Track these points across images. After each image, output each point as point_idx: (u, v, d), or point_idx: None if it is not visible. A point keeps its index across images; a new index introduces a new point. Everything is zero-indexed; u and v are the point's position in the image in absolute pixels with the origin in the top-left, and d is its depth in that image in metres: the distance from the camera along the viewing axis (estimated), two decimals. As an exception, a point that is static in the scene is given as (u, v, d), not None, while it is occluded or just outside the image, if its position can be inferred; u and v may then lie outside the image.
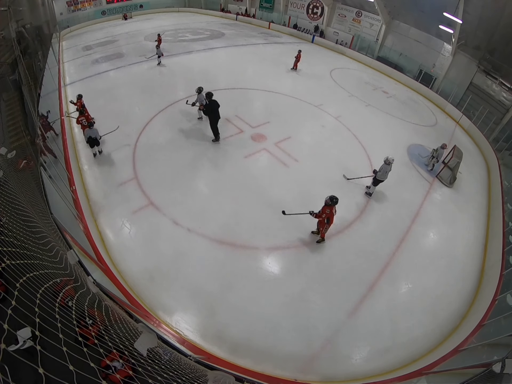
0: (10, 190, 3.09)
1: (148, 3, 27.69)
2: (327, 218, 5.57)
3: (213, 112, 8.19)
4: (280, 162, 8.22)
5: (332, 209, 5.55)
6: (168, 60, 14.98)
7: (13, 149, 4.26)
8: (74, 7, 23.41)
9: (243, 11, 26.66)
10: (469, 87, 14.09)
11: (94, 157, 7.94)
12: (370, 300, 5.24)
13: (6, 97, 7.02)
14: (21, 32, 10.05)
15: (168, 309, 4.73)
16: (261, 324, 4.68)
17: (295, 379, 4.11)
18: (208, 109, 8.15)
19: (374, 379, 4.23)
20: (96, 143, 7.78)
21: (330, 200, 5.46)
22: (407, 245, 6.42)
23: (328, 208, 5.52)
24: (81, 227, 5.22)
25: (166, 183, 7.07)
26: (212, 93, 8.11)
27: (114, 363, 1.73)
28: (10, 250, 1.98)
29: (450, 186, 8.47)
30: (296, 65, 15.08)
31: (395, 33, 17.87)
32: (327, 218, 5.57)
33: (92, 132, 7.55)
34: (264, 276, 5.37)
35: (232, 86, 12.51)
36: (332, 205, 5.50)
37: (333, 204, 5.48)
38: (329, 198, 5.48)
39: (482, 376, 3.21)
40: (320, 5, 21.42)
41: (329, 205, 5.49)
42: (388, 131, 10.83)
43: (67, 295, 2.30)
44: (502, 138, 11.07)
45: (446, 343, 4.83)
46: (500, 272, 5.66)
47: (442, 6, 13.34)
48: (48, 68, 10.19)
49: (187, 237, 5.90)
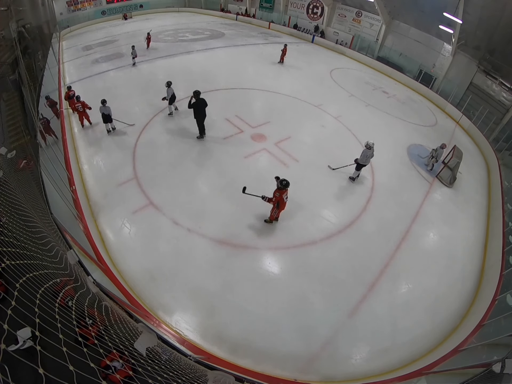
0: (10, 190, 3.09)
1: (148, 3, 27.71)
2: (277, 202, 5.52)
3: (200, 110, 8.24)
4: (280, 162, 8.22)
5: (283, 193, 5.44)
6: (168, 60, 15.01)
7: (13, 149, 4.26)
8: (74, 7, 23.43)
9: (243, 11, 26.66)
10: (469, 87, 14.09)
11: (108, 133, 8.81)
12: (370, 300, 5.24)
13: (6, 97, 7.03)
14: (21, 32, 10.05)
15: (168, 309, 4.73)
16: (261, 324, 4.68)
17: (295, 379, 4.11)
18: (195, 107, 8.16)
19: (374, 379, 4.22)
20: (109, 120, 8.61)
21: (280, 184, 5.41)
22: (407, 245, 6.41)
23: (278, 192, 5.45)
24: (81, 227, 5.22)
25: (166, 183, 7.07)
26: (199, 91, 8.12)
27: (114, 363, 1.73)
28: (10, 250, 1.98)
29: (450, 186, 8.47)
30: (283, 58, 15.75)
31: (395, 33, 17.86)
32: (277, 202, 5.52)
33: (105, 109, 8.38)
34: (264, 276, 5.37)
35: (232, 86, 12.52)
36: (282, 189, 5.40)
37: (283, 187, 5.37)
38: (279, 181, 5.43)
39: (482, 376, 3.21)
40: (320, 5, 21.42)
41: (280, 188, 5.42)
42: (388, 131, 10.83)
43: (67, 295, 2.31)
44: (502, 138, 11.06)
45: (446, 343, 4.83)
46: (500, 272, 5.66)
47: (442, 6, 13.33)
48: (48, 68, 10.20)
49: (187, 237, 5.90)
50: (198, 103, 8.09)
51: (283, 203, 5.60)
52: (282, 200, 5.50)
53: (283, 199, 5.50)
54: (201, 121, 8.51)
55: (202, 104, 8.16)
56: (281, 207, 5.66)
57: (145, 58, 15.06)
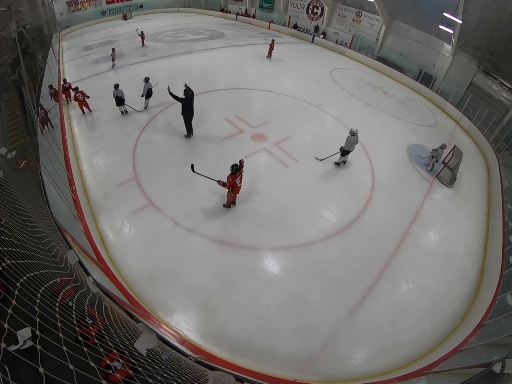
0: (10, 190, 3.09)
1: (148, 3, 27.73)
2: (231, 187, 5.82)
3: (189, 109, 8.26)
4: (280, 162, 8.23)
5: (235, 177, 5.76)
6: (168, 61, 15.01)
7: (13, 149, 4.26)
8: (74, 7, 23.45)
9: (243, 11, 26.68)
10: (469, 87, 14.09)
11: (122, 115, 9.71)
12: (370, 300, 5.24)
13: (6, 97, 7.03)
14: (21, 32, 10.06)
15: (168, 309, 4.73)
16: (261, 324, 4.68)
17: (295, 379, 4.11)
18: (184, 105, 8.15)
19: (374, 379, 4.22)
20: (121, 103, 9.43)
21: (231, 168, 5.73)
22: (407, 245, 6.42)
23: (231, 177, 5.75)
24: (81, 227, 5.22)
25: (166, 183, 7.07)
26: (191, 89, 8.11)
27: (114, 363, 1.73)
28: (10, 250, 1.98)
29: (450, 186, 8.47)
30: (271, 53, 16.50)
31: (395, 33, 17.88)
32: (231, 187, 5.82)
33: (118, 92, 9.23)
34: (264, 276, 5.37)
35: (232, 86, 12.52)
36: (234, 174, 5.71)
37: (234, 172, 5.69)
38: (231, 167, 5.72)
39: (482, 376, 3.21)
40: (320, 5, 21.43)
41: (232, 173, 5.73)
42: (388, 131, 10.84)
43: (67, 295, 2.31)
44: (502, 138, 11.07)
45: (446, 343, 4.83)
46: (500, 272, 5.66)
47: (442, 6, 13.34)
48: (48, 68, 10.22)
49: (187, 237, 5.91)
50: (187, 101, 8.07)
51: (237, 187, 6.01)
52: (236, 185, 5.89)
53: (236, 183, 5.88)
54: (189, 120, 8.52)
55: (191, 102, 8.17)
56: (235, 191, 6.05)
57: (145, 58, 15.07)
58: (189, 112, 8.34)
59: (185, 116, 8.38)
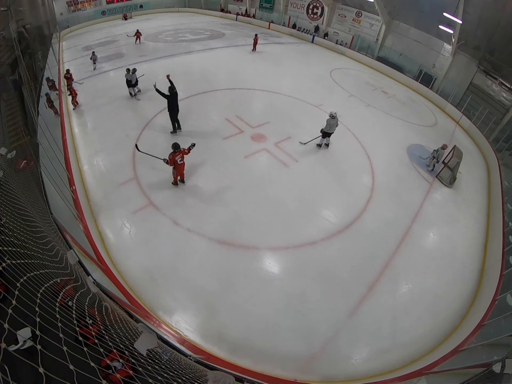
0: (10, 190, 3.09)
1: (148, 3, 27.72)
2: (174, 164, 6.42)
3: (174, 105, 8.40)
4: (280, 162, 8.23)
5: (175, 155, 6.31)
6: (168, 61, 15.00)
7: (13, 149, 4.26)
8: (74, 7, 23.44)
9: (243, 11, 26.68)
10: (469, 87, 14.09)
11: (130, 96, 10.61)
12: (370, 300, 5.24)
13: (6, 97, 7.04)
14: (21, 32, 10.06)
15: (168, 309, 4.73)
16: (261, 324, 4.68)
17: (295, 379, 4.11)
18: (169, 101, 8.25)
19: (374, 379, 4.22)
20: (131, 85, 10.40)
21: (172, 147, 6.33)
22: (407, 245, 6.41)
23: (171, 154, 6.31)
24: (81, 227, 5.22)
25: (166, 183, 7.07)
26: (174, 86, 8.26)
27: (114, 363, 1.73)
28: (10, 250, 1.98)
29: (450, 186, 8.47)
30: (255, 46, 17.40)
31: (395, 33, 17.87)
32: (174, 164, 6.42)
33: (128, 76, 10.24)
34: (264, 276, 5.37)
35: (232, 86, 12.52)
36: (174, 152, 6.30)
37: (174, 150, 6.29)
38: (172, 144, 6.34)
39: (482, 376, 3.21)
40: (320, 5, 21.43)
41: (173, 151, 6.31)
42: (388, 131, 10.83)
43: (67, 295, 2.31)
44: (502, 138, 11.06)
45: (446, 343, 4.83)
46: (500, 272, 5.66)
47: (442, 6, 13.34)
48: (48, 68, 10.21)
49: (187, 237, 5.90)
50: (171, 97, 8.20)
51: (178, 165, 6.52)
52: (176, 162, 6.41)
53: (177, 161, 6.39)
54: (175, 115, 8.66)
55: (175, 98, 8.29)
56: (177, 169, 6.60)
57: (145, 58, 15.07)
58: (174, 108, 8.50)
59: (170, 112, 8.56)
